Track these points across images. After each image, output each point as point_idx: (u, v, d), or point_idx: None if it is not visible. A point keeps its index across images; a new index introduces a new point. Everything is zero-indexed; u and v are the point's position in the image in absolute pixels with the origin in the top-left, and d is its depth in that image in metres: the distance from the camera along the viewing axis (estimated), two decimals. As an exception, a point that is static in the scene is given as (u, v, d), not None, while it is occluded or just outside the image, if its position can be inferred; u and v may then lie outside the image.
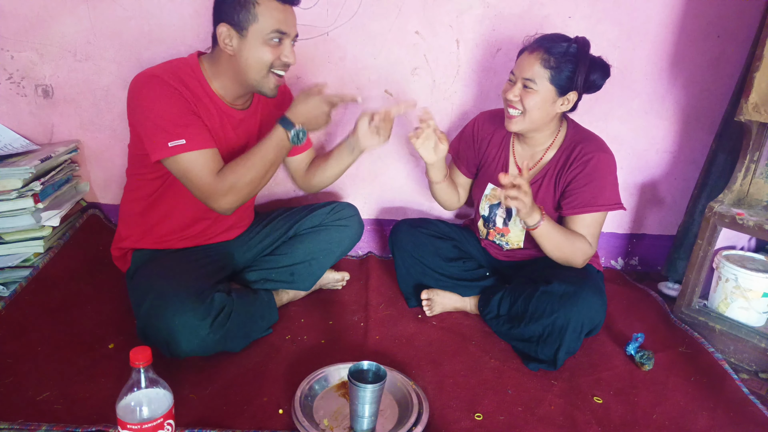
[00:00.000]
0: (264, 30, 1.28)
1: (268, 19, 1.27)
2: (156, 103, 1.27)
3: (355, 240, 1.73)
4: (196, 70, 1.35)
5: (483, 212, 1.67)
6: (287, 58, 1.33)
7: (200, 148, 1.28)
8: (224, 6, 1.27)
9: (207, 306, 1.28)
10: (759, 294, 1.63)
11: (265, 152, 1.34)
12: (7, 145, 1.75)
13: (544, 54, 1.40)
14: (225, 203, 1.32)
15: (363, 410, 1.13)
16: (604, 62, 1.48)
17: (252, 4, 1.26)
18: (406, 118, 1.93)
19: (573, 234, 1.47)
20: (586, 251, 1.47)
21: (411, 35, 1.83)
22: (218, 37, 1.30)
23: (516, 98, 1.44)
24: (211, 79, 1.37)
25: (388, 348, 1.49)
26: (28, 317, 1.47)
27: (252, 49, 1.29)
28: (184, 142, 1.26)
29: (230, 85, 1.38)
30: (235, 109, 1.43)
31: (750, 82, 1.53)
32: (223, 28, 1.28)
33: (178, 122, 1.27)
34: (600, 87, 1.50)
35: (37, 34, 1.76)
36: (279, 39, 1.30)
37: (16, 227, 1.62)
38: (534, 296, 1.43)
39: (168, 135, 1.26)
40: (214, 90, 1.38)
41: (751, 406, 1.36)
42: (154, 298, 1.28)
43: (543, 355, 1.43)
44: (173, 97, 1.28)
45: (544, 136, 1.54)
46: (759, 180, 1.70)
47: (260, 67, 1.32)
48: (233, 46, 1.30)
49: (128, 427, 0.96)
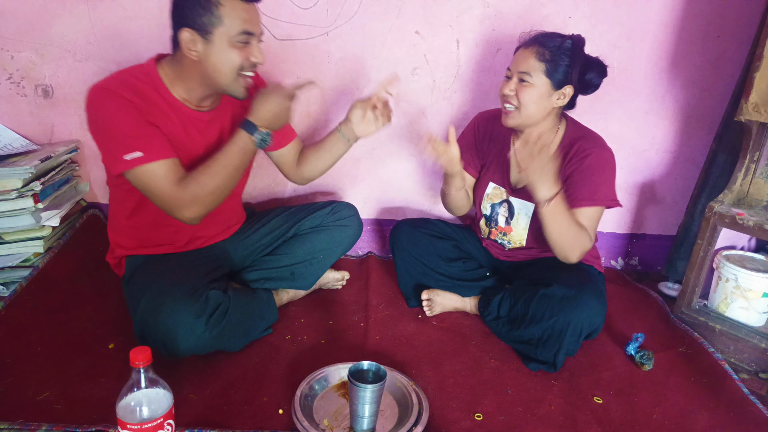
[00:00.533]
0: (230, 32, 1.22)
1: (233, 21, 1.22)
2: (109, 117, 1.22)
3: (354, 239, 1.73)
4: (153, 77, 1.31)
5: (485, 211, 1.67)
6: (256, 59, 1.29)
7: (158, 158, 1.24)
8: (185, 10, 1.21)
9: (202, 304, 1.28)
10: (759, 294, 1.63)
11: (229, 159, 1.30)
12: (7, 145, 1.75)
13: (539, 48, 1.41)
14: (190, 213, 1.29)
15: (363, 410, 1.13)
16: (600, 62, 1.48)
17: (215, 6, 1.20)
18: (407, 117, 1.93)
19: (579, 225, 1.44)
20: (585, 245, 1.45)
21: (411, 35, 1.83)
22: (181, 43, 1.24)
23: (512, 92, 1.45)
24: (173, 84, 1.32)
25: (388, 348, 1.49)
26: (28, 317, 1.47)
27: (219, 53, 1.24)
28: (141, 154, 1.22)
29: (196, 88, 1.33)
30: (201, 112, 1.38)
31: (750, 82, 1.53)
32: (185, 33, 1.22)
33: (132, 134, 1.23)
34: (597, 86, 1.50)
35: (37, 34, 1.76)
36: (246, 40, 1.25)
37: (16, 227, 1.62)
38: (534, 299, 1.43)
39: (123, 148, 1.22)
40: (175, 95, 1.33)
41: (751, 406, 1.36)
42: (149, 298, 1.28)
43: (543, 356, 1.43)
44: (126, 109, 1.23)
45: (543, 131, 1.53)
46: (759, 180, 1.70)
47: (229, 71, 1.27)
48: (198, 51, 1.24)
49: (128, 427, 0.96)
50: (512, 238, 1.63)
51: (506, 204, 1.62)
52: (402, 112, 1.93)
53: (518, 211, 1.59)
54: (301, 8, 1.77)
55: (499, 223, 1.65)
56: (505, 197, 1.62)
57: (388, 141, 1.97)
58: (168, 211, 1.29)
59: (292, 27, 1.80)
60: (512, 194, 1.60)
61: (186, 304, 1.25)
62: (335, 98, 1.90)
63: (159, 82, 1.31)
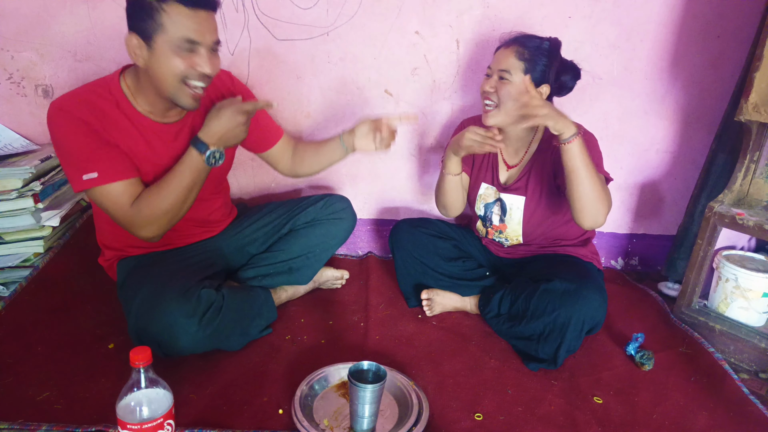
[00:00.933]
0: (172, 40, 1.17)
1: (176, 28, 1.16)
2: (64, 138, 1.22)
3: (349, 232, 1.74)
4: (114, 91, 1.28)
5: (479, 212, 1.68)
6: (202, 68, 1.21)
7: (113, 180, 1.23)
8: (132, 14, 1.18)
9: (194, 303, 1.28)
10: (759, 294, 1.63)
11: (180, 178, 1.28)
12: (7, 145, 1.75)
13: (519, 47, 1.45)
14: (147, 233, 1.28)
15: (363, 410, 1.13)
16: (574, 65, 1.52)
17: (157, 12, 1.15)
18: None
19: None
20: (610, 202, 1.38)
21: (411, 35, 1.83)
22: (127, 48, 1.20)
23: (492, 89, 1.47)
24: (135, 96, 1.30)
25: (388, 348, 1.49)
26: (28, 317, 1.47)
27: (161, 60, 1.19)
28: (96, 175, 1.22)
29: (154, 99, 1.29)
30: (167, 124, 1.34)
31: (750, 82, 1.53)
32: (132, 38, 1.19)
33: (88, 157, 1.22)
34: (571, 88, 1.54)
35: (37, 34, 1.76)
36: (190, 48, 1.19)
37: (16, 227, 1.62)
38: (535, 294, 1.43)
39: (79, 169, 1.22)
40: (138, 108, 1.30)
41: (751, 406, 1.36)
42: (141, 301, 1.28)
43: (543, 353, 1.43)
44: (80, 131, 1.21)
45: (524, 130, 1.55)
46: (759, 180, 1.70)
47: (172, 79, 1.21)
48: (144, 57, 1.20)
49: (128, 427, 0.96)
50: (509, 234, 1.64)
51: (498, 202, 1.63)
52: (402, 112, 1.93)
53: (510, 207, 1.60)
54: (301, 8, 1.78)
55: (494, 222, 1.65)
56: (497, 196, 1.62)
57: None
58: (126, 229, 1.29)
59: (292, 27, 1.80)
60: (503, 191, 1.61)
61: (178, 304, 1.26)
62: (335, 98, 1.90)
63: (121, 96, 1.29)
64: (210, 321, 1.30)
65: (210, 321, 1.30)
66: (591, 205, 1.34)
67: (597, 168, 1.41)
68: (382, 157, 1.99)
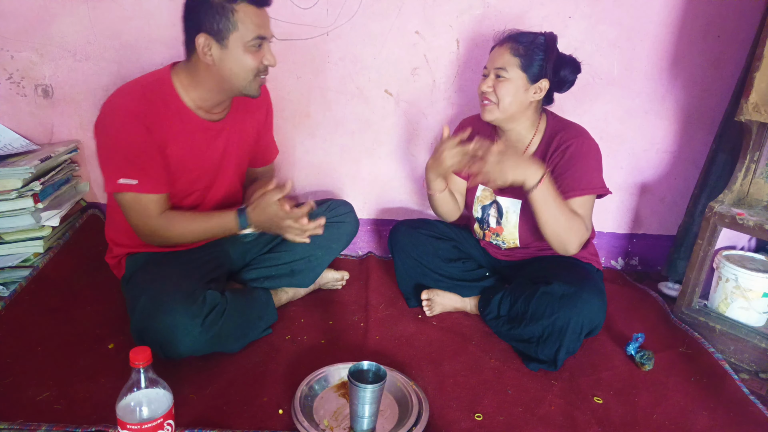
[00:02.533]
0: (245, 37, 1.25)
1: (248, 26, 1.25)
2: (116, 136, 1.26)
3: (352, 236, 1.74)
4: (167, 86, 1.32)
5: (476, 214, 1.68)
6: (269, 62, 1.32)
7: (149, 191, 1.30)
8: (200, 15, 1.23)
9: (199, 305, 1.28)
10: (759, 294, 1.63)
11: (209, 227, 1.38)
12: (7, 145, 1.75)
13: (513, 44, 1.45)
14: (151, 242, 1.38)
15: (363, 410, 1.13)
16: (573, 59, 1.51)
17: (231, 12, 1.22)
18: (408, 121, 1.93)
19: (572, 210, 1.43)
20: (582, 233, 1.43)
21: (411, 35, 1.83)
22: (197, 48, 1.26)
23: (490, 89, 1.47)
24: (187, 90, 1.34)
25: (388, 348, 1.49)
26: (28, 317, 1.47)
27: (235, 58, 1.27)
28: (135, 182, 1.27)
29: (211, 93, 1.35)
30: (211, 122, 1.40)
31: (750, 82, 1.53)
32: (201, 38, 1.24)
33: (133, 161, 1.27)
34: (572, 83, 1.52)
35: (37, 34, 1.76)
36: (260, 44, 1.28)
37: (16, 227, 1.62)
38: (534, 297, 1.43)
39: (120, 171, 1.26)
40: (188, 103, 1.34)
41: (751, 406, 1.36)
42: (146, 300, 1.28)
43: (543, 355, 1.43)
44: (134, 131, 1.25)
45: (524, 128, 1.54)
46: (759, 180, 1.70)
47: (246, 75, 1.30)
48: (213, 55, 1.26)
49: (128, 427, 0.96)
50: (505, 237, 1.63)
51: (495, 204, 1.62)
52: (402, 112, 1.93)
53: (506, 210, 1.59)
54: (301, 8, 1.77)
55: (491, 225, 1.65)
56: (493, 198, 1.62)
57: (388, 141, 1.98)
58: (138, 234, 1.35)
59: (292, 27, 1.80)
60: (499, 194, 1.61)
61: (182, 305, 1.26)
62: (335, 98, 1.90)
63: (172, 89, 1.33)
64: (213, 323, 1.30)
65: (213, 323, 1.30)
66: (557, 239, 1.42)
67: (589, 180, 1.44)
68: (383, 158, 1.99)
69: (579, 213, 1.44)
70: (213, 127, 1.40)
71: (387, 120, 1.94)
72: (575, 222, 1.42)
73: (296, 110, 1.92)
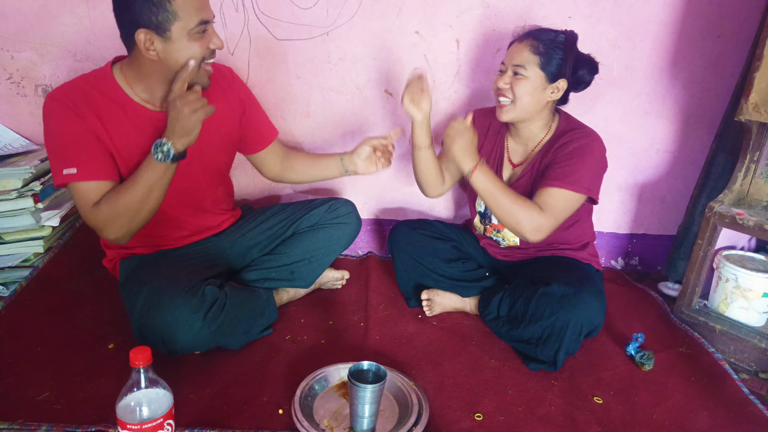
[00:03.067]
0: (188, 25, 1.18)
1: (189, 13, 1.17)
2: (53, 129, 1.23)
3: (353, 237, 1.73)
4: (108, 81, 1.28)
5: (479, 208, 1.67)
6: (215, 45, 1.25)
7: (90, 179, 1.24)
8: (135, 9, 1.15)
9: (199, 299, 1.28)
10: (759, 294, 1.63)
11: (137, 176, 1.24)
12: (7, 145, 1.75)
13: (533, 41, 1.43)
14: (110, 233, 1.27)
15: (363, 410, 1.13)
16: (591, 58, 1.50)
17: (168, 2, 1.15)
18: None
19: (520, 197, 1.42)
20: (536, 220, 1.40)
21: (411, 35, 1.83)
22: (138, 44, 1.19)
23: (507, 86, 1.45)
24: (132, 85, 1.30)
25: (388, 348, 1.49)
26: (28, 317, 1.47)
27: (180, 48, 1.20)
28: (74, 171, 1.22)
29: (156, 87, 1.29)
30: (161, 111, 1.33)
31: (750, 82, 1.53)
32: (141, 34, 1.17)
33: (72, 151, 1.23)
34: (589, 83, 1.51)
35: (37, 34, 1.76)
36: (204, 29, 1.22)
37: (16, 227, 1.62)
38: (533, 298, 1.43)
39: (62, 162, 1.23)
40: (134, 97, 1.30)
41: (751, 406, 1.36)
42: (146, 296, 1.28)
43: (542, 356, 1.43)
44: (69, 122, 1.22)
45: (537, 127, 1.54)
46: (759, 180, 1.70)
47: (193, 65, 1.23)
48: (156, 50, 1.20)
49: (128, 427, 0.96)
50: (506, 235, 1.63)
51: None
52: (402, 112, 1.93)
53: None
54: (301, 8, 1.77)
55: (493, 221, 1.64)
56: None
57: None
58: (93, 229, 1.29)
59: (292, 27, 1.80)
60: None
61: (184, 299, 1.26)
62: (335, 98, 1.90)
63: (115, 85, 1.29)
64: (214, 317, 1.30)
65: (214, 317, 1.30)
66: (505, 223, 1.45)
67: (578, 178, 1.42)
68: (382, 157, 1.99)
69: (550, 201, 1.42)
70: (162, 117, 1.31)
71: (387, 120, 1.94)
72: (526, 210, 1.40)
73: (296, 110, 1.91)
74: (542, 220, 1.41)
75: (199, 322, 1.27)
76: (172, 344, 1.27)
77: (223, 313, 1.32)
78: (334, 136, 1.96)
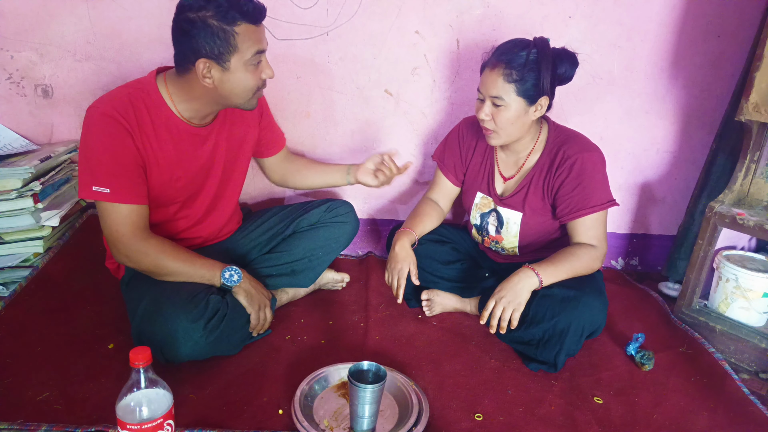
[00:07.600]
0: (245, 56, 1.24)
1: (248, 45, 1.23)
2: (95, 142, 1.23)
3: (352, 236, 1.74)
4: (153, 94, 1.30)
5: (474, 221, 1.67)
6: (267, 75, 1.32)
7: (121, 201, 1.25)
8: (199, 40, 1.20)
9: (201, 309, 1.28)
10: (759, 294, 1.63)
11: (190, 272, 1.34)
12: (7, 145, 1.75)
13: (505, 69, 1.36)
14: (123, 260, 1.32)
15: (363, 410, 1.13)
16: (568, 52, 1.42)
17: (232, 36, 1.20)
18: (406, 120, 1.93)
19: (574, 252, 1.44)
20: (596, 256, 1.45)
21: (411, 35, 1.83)
22: (197, 71, 1.23)
23: (488, 117, 1.42)
24: (177, 103, 1.32)
25: (388, 348, 1.49)
26: (28, 317, 1.47)
27: (237, 79, 1.26)
28: (107, 191, 1.23)
29: (203, 109, 1.34)
30: (201, 127, 1.38)
31: (750, 82, 1.53)
32: (201, 63, 1.22)
33: (108, 170, 1.24)
34: (571, 77, 1.45)
35: (37, 34, 1.76)
36: (259, 59, 1.28)
37: (16, 227, 1.62)
38: (534, 300, 1.42)
39: (94, 178, 1.23)
40: (176, 113, 1.33)
41: (751, 406, 1.36)
42: (147, 303, 1.28)
43: (543, 357, 1.42)
44: (119, 141, 1.24)
45: (526, 141, 1.52)
46: (759, 180, 1.70)
47: (247, 93, 1.30)
48: (213, 78, 1.25)
49: (128, 427, 0.96)
50: (505, 246, 1.63)
51: (495, 213, 1.61)
52: (402, 112, 1.93)
53: (507, 221, 1.57)
54: (301, 8, 1.77)
55: (490, 233, 1.63)
56: (493, 206, 1.61)
57: (388, 141, 1.97)
58: (109, 244, 1.31)
59: (292, 27, 1.79)
60: (499, 204, 1.59)
61: (185, 309, 1.25)
62: (335, 98, 1.90)
63: (160, 101, 1.31)
64: (214, 328, 1.29)
65: (214, 328, 1.29)
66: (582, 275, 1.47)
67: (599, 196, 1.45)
68: (382, 157, 1.99)
69: (591, 232, 1.46)
70: (200, 133, 1.38)
71: (387, 120, 1.94)
72: (585, 258, 1.45)
73: (296, 110, 1.91)
74: (600, 252, 1.47)
75: (198, 332, 1.26)
76: (171, 354, 1.26)
77: (223, 324, 1.31)
78: (334, 136, 1.96)
